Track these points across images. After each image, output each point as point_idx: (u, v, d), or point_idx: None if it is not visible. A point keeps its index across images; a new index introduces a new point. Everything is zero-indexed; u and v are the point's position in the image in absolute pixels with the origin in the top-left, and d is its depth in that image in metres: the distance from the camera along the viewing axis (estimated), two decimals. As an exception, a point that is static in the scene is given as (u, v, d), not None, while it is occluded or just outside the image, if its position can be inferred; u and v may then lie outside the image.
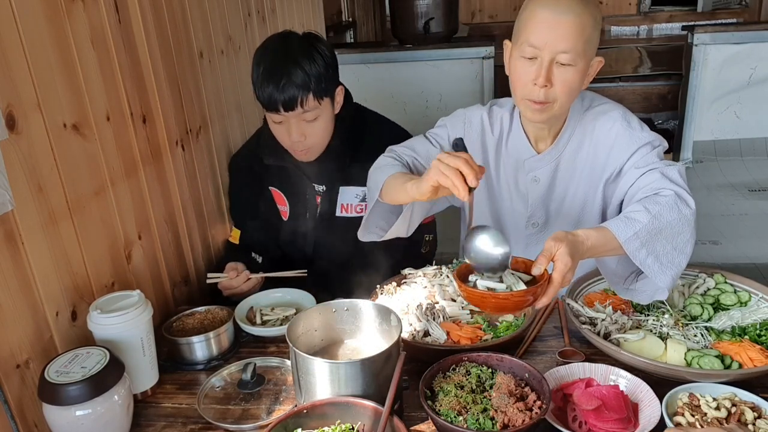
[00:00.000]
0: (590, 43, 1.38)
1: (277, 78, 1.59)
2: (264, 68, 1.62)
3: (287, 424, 1.06)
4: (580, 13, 1.34)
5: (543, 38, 1.36)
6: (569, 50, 1.35)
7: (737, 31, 4.12)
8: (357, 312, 1.29)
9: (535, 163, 1.56)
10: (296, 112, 1.62)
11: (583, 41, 1.35)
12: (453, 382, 1.15)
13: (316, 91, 1.61)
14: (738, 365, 1.21)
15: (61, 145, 1.26)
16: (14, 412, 1.12)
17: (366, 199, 1.78)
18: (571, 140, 1.54)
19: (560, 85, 1.38)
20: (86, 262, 1.34)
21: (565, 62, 1.36)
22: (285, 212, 1.88)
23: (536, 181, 1.57)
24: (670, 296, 1.45)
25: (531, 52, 1.38)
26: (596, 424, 1.09)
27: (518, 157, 1.58)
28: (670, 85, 4.89)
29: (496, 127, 1.61)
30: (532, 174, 1.57)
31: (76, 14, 1.32)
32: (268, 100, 1.61)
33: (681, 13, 6.37)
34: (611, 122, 1.51)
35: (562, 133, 1.53)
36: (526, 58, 1.39)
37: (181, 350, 1.41)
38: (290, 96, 1.59)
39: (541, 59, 1.37)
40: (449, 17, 4.01)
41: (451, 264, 1.64)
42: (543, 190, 1.58)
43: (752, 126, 4.27)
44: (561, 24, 1.34)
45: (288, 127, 1.66)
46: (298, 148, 1.70)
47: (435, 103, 3.96)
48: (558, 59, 1.36)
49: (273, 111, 1.63)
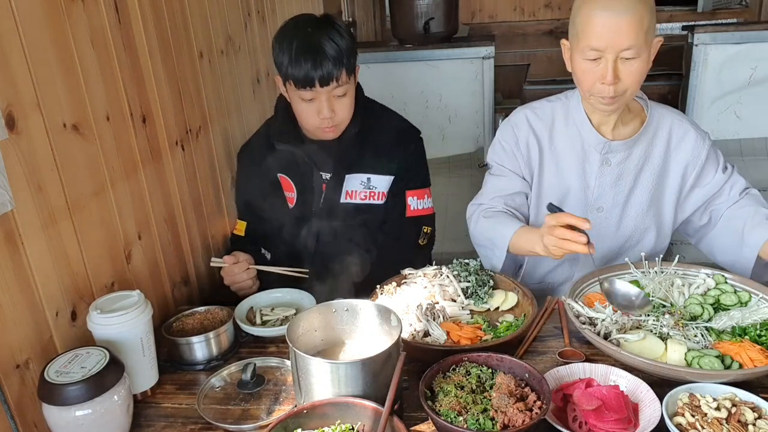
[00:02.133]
0: (650, 32, 1.42)
1: (313, 53, 1.60)
2: (297, 45, 1.62)
3: (287, 424, 1.06)
4: (637, 8, 1.38)
5: (605, 41, 1.40)
6: (632, 46, 1.40)
7: (737, 31, 4.12)
8: (357, 312, 1.29)
9: (613, 147, 1.61)
10: (330, 87, 1.64)
11: (644, 33, 1.40)
12: (453, 382, 1.15)
13: (347, 65, 1.64)
14: (738, 365, 1.20)
15: (60, 145, 1.26)
16: (14, 412, 1.12)
17: (369, 188, 1.84)
18: (646, 133, 1.61)
19: (628, 77, 1.44)
20: (86, 262, 1.34)
21: (629, 57, 1.41)
22: (292, 198, 1.89)
23: (608, 164, 1.63)
24: (670, 296, 1.45)
25: (594, 54, 1.43)
26: (596, 425, 1.09)
27: (584, 142, 1.63)
28: (670, 85, 4.88)
29: (547, 119, 1.68)
30: (605, 156, 1.62)
31: (76, 14, 1.32)
32: (305, 76, 1.61)
33: (681, 13, 6.36)
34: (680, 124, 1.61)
35: (645, 126, 1.60)
36: (590, 60, 1.44)
37: (181, 350, 1.41)
38: (327, 71, 1.61)
39: (606, 59, 1.42)
40: (449, 17, 4.00)
41: (451, 265, 1.64)
42: (613, 176, 1.63)
43: (752, 126, 4.26)
44: (621, 24, 1.38)
45: (318, 104, 1.67)
46: (327, 125, 1.70)
47: (435, 103, 3.96)
48: (622, 55, 1.41)
49: (308, 87, 1.63)
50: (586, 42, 1.43)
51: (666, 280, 1.49)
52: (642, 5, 1.39)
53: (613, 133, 1.61)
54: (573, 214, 1.34)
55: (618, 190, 1.65)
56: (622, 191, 1.65)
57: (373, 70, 3.79)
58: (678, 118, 1.64)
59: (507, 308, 1.52)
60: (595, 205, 1.66)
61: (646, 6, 1.40)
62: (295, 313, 1.56)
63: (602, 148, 1.61)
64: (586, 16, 1.42)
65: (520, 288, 1.54)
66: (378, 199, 1.86)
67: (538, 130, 1.68)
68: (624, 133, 1.62)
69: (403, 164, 1.85)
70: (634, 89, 1.49)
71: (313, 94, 1.65)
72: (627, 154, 1.62)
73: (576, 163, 1.65)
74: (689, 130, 1.62)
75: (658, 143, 1.62)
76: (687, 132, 1.62)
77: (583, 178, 1.65)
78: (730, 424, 1.06)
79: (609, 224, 1.67)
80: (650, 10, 1.41)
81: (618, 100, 1.49)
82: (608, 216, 1.67)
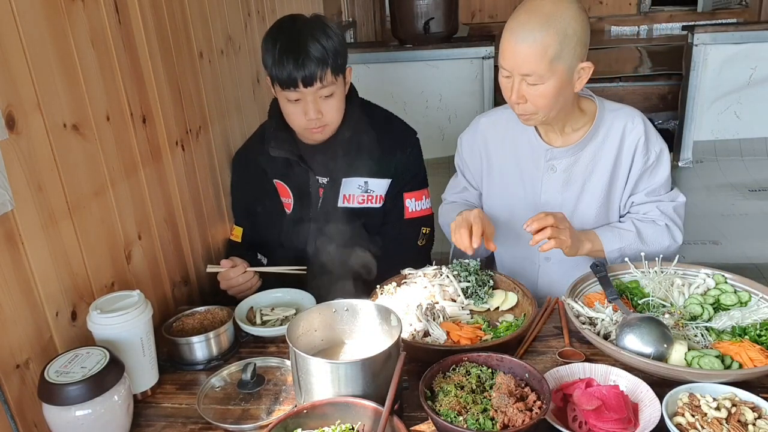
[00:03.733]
0: (559, 60, 1.42)
1: (296, 53, 1.59)
2: (281, 46, 1.61)
3: (287, 424, 1.06)
4: (541, 37, 1.39)
5: (509, 63, 1.46)
6: (532, 73, 1.43)
7: (737, 31, 4.12)
8: (357, 312, 1.29)
9: (555, 154, 1.63)
10: (314, 88, 1.62)
11: (547, 62, 1.41)
12: (453, 382, 1.15)
13: (333, 66, 1.63)
14: (738, 365, 1.20)
15: (61, 145, 1.26)
16: (14, 412, 1.12)
17: (367, 192, 1.87)
18: (594, 138, 1.61)
19: (533, 99, 1.48)
20: (86, 262, 1.34)
21: (531, 82, 1.45)
22: (288, 204, 1.88)
23: (553, 170, 1.64)
24: (670, 296, 1.45)
25: (504, 72, 1.49)
26: (596, 425, 1.09)
27: (532, 149, 1.66)
28: (670, 85, 4.89)
29: (500, 124, 1.72)
30: (551, 163, 1.64)
31: (76, 14, 1.32)
32: (288, 76, 1.60)
33: (681, 13, 6.37)
34: (633, 126, 1.60)
35: (591, 131, 1.61)
36: (504, 77, 1.51)
37: (181, 350, 1.41)
38: (310, 71, 1.60)
39: (513, 79, 1.47)
40: (449, 17, 4.01)
41: (451, 265, 1.64)
42: (559, 182, 1.65)
43: (752, 126, 4.27)
44: (520, 51, 1.42)
45: (304, 105, 1.65)
46: (314, 126, 1.69)
47: (435, 103, 3.96)
48: (525, 79, 1.45)
49: (291, 88, 1.62)
50: (500, 59, 1.49)
51: (666, 280, 1.49)
52: (550, 34, 1.38)
53: (562, 139, 1.63)
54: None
55: (566, 196, 1.66)
56: (570, 197, 1.66)
57: (373, 70, 3.80)
58: (633, 120, 1.61)
59: (507, 308, 1.53)
60: (544, 210, 1.65)
61: (556, 34, 1.38)
62: (295, 313, 1.56)
63: (546, 155, 1.63)
64: (503, 32, 1.47)
65: (520, 288, 1.54)
66: (376, 203, 1.85)
67: (491, 136, 1.73)
68: (573, 139, 1.62)
69: (400, 167, 1.85)
70: (546, 111, 1.49)
71: (298, 94, 1.64)
72: (573, 160, 1.62)
73: (525, 169, 1.68)
74: (641, 134, 1.59)
75: (609, 145, 1.61)
76: (639, 135, 1.59)
77: (531, 185, 1.68)
78: (730, 424, 1.06)
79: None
80: (561, 38, 1.39)
81: (532, 118, 1.53)
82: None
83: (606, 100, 1.65)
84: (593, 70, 1.49)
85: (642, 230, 1.61)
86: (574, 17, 1.41)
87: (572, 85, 1.48)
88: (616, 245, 1.59)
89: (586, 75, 1.48)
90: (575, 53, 1.43)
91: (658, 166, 1.62)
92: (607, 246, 1.59)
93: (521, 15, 1.43)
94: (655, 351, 1.22)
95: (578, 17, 1.41)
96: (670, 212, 1.64)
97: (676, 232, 1.63)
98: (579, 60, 1.45)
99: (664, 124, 5.02)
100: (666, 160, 1.63)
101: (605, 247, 1.59)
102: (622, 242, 1.59)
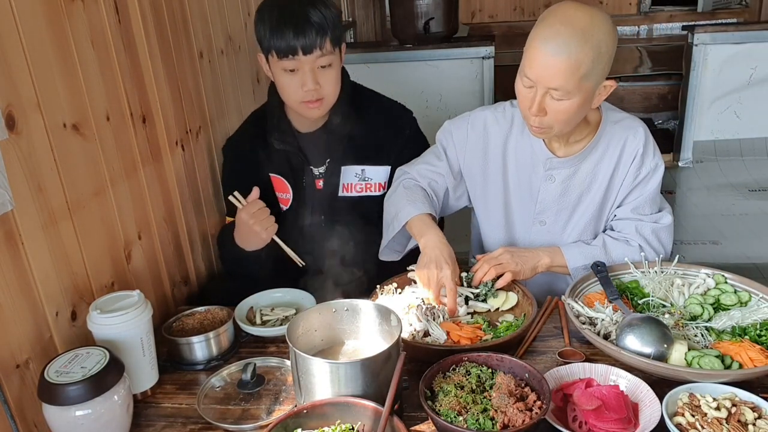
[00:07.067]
0: (589, 78, 1.36)
1: (295, 20, 1.56)
2: (278, 14, 1.58)
3: (287, 424, 1.06)
4: (576, 52, 1.32)
5: (536, 74, 1.38)
6: (560, 88, 1.36)
7: (737, 31, 4.12)
8: (357, 312, 1.29)
9: (555, 164, 1.59)
10: (313, 56, 1.59)
11: (577, 79, 1.35)
12: (453, 382, 1.15)
13: (332, 35, 1.60)
14: (738, 365, 1.20)
15: (61, 145, 1.26)
16: (14, 412, 1.12)
17: (365, 180, 1.83)
18: (594, 150, 1.58)
19: (554, 114, 1.42)
20: (86, 262, 1.34)
21: (557, 97, 1.38)
22: (286, 200, 1.85)
23: (552, 180, 1.61)
24: (670, 296, 1.45)
25: (527, 82, 1.41)
26: (596, 424, 1.09)
27: (533, 155, 1.62)
28: (670, 85, 4.89)
29: (505, 124, 1.65)
30: (549, 173, 1.60)
31: (76, 14, 1.32)
32: (286, 45, 1.57)
33: (681, 13, 6.36)
34: (634, 139, 1.56)
35: (592, 144, 1.57)
36: (525, 87, 1.43)
37: (181, 350, 1.41)
38: (310, 38, 1.57)
39: (536, 90, 1.40)
40: (449, 17, 4.00)
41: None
42: (556, 192, 1.62)
43: (752, 126, 4.26)
44: (553, 64, 1.34)
45: (302, 76, 1.62)
46: (312, 98, 1.65)
47: (435, 103, 3.96)
48: (550, 93, 1.39)
49: (290, 56, 1.58)
50: (523, 66, 1.42)
51: (666, 280, 1.49)
52: (585, 49, 1.31)
53: (565, 149, 1.59)
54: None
55: (561, 206, 1.63)
56: (565, 208, 1.63)
57: (373, 70, 3.79)
58: (635, 134, 1.56)
59: (507, 308, 1.52)
60: (538, 218, 1.65)
61: (591, 51, 1.32)
62: (295, 313, 1.56)
63: (546, 164, 1.60)
64: (530, 43, 1.39)
65: (520, 288, 1.54)
66: (375, 191, 1.83)
67: (493, 134, 1.66)
68: (574, 150, 1.58)
69: (399, 152, 1.81)
70: (562, 126, 1.45)
71: (295, 63, 1.60)
72: (573, 171, 1.59)
73: (524, 174, 1.64)
74: (640, 147, 1.56)
75: (608, 159, 1.58)
76: (637, 147, 1.56)
77: (529, 191, 1.65)
78: (730, 424, 1.06)
79: (551, 238, 1.66)
80: (596, 55, 1.33)
81: (545, 132, 1.47)
82: (551, 230, 1.66)
83: (611, 109, 1.61)
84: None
85: (610, 248, 1.58)
86: (608, 33, 1.35)
87: (591, 102, 1.44)
88: (581, 263, 1.56)
89: (605, 93, 1.44)
90: (603, 72, 1.39)
91: (648, 180, 1.57)
92: (571, 263, 1.57)
93: (555, 24, 1.34)
94: (655, 351, 1.22)
95: (612, 34, 1.36)
96: (647, 233, 1.57)
97: (650, 253, 1.55)
98: (604, 77, 1.41)
99: (664, 124, 5.02)
100: (658, 177, 1.58)
101: (569, 264, 1.57)
102: (586, 260, 1.55)
